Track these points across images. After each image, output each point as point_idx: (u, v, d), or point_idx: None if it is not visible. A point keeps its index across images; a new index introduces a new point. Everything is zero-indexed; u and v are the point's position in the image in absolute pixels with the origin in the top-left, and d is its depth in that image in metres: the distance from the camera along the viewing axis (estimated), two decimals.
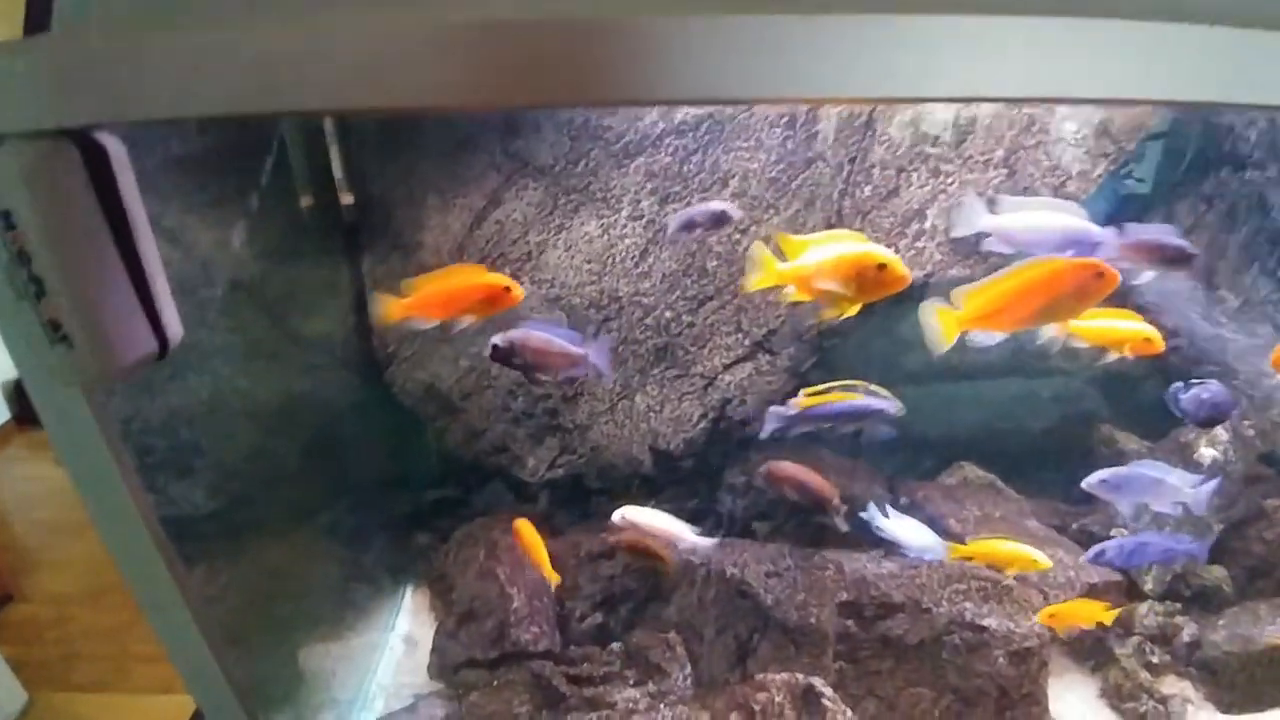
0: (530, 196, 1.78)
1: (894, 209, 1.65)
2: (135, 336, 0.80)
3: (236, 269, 1.64)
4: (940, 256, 1.64)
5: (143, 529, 0.98)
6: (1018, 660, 1.48)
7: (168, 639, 1.09)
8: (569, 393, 1.85)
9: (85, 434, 0.90)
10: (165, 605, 1.06)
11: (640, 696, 1.59)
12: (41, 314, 0.73)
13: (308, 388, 1.83)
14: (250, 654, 1.53)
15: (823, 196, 1.68)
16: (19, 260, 0.71)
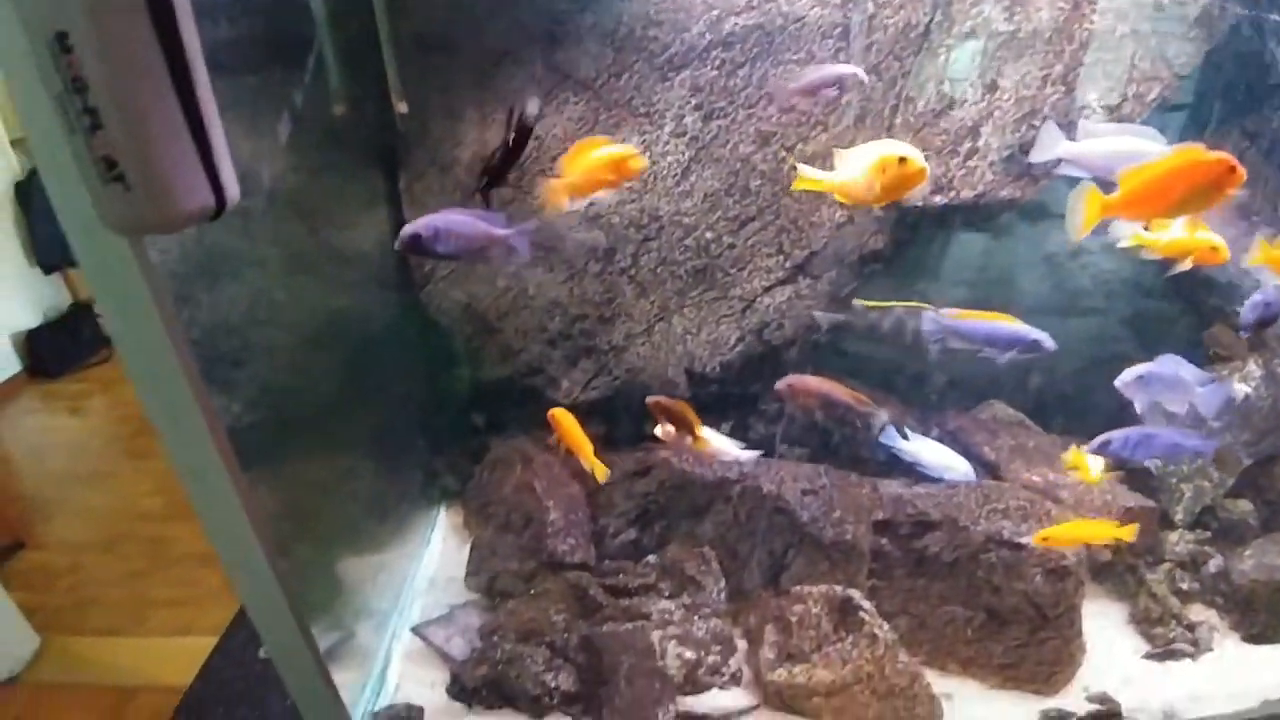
0: (571, 111, 1.74)
1: (947, 126, 1.61)
2: (193, 185, 0.78)
3: (276, 178, 1.62)
4: (992, 176, 1.60)
5: (188, 391, 0.97)
6: (1054, 579, 1.50)
7: (208, 512, 1.09)
8: (606, 314, 1.84)
9: (132, 288, 0.88)
10: (208, 472, 1.06)
11: (675, 608, 1.62)
12: (95, 149, 0.71)
13: (346, 304, 1.83)
14: (292, 561, 1.56)
15: (874, 112, 1.64)
16: (73, 88, 0.68)
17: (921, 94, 1.60)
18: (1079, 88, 1.56)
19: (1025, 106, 1.57)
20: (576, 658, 1.54)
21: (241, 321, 1.59)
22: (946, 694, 1.53)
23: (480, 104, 1.77)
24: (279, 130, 1.57)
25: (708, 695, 1.54)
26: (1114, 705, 1.52)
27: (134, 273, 0.87)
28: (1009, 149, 1.58)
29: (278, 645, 1.29)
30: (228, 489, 1.07)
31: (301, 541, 1.62)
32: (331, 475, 1.76)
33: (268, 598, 1.23)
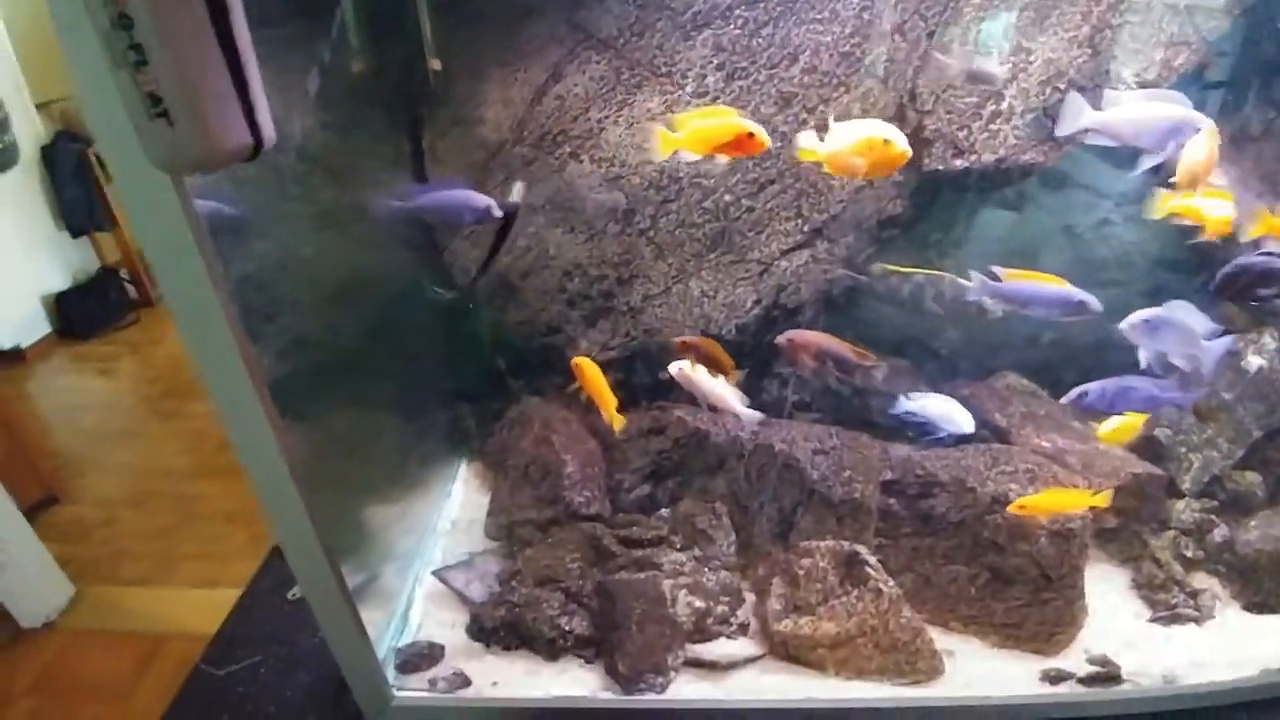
0: (592, 70, 1.75)
1: (971, 88, 1.60)
2: (232, 123, 0.81)
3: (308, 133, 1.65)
4: (1015, 140, 1.59)
5: (227, 328, 1.01)
6: (1059, 541, 1.53)
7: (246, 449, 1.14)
8: (624, 275, 1.86)
9: (173, 225, 0.91)
10: (249, 415, 1.11)
11: (686, 560, 1.67)
12: (141, 85, 0.74)
13: (373, 260, 1.87)
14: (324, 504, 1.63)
15: (897, 74, 1.63)
16: (120, 24, 0.71)
17: (947, 54, 1.59)
18: (1105, 51, 1.54)
19: (1051, 69, 1.55)
20: (590, 603, 1.60)
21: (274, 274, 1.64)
22: (949, 650, 1.58)
23: (503, 62, 1.78)
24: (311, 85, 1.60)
25: (716, 643, 1.60)
26: (1114, 668, 1.55)
27: (175, 210, 0.91)
28: (1033, 111, 1.57)
29: (310, 582, 1.36)
30: (265, 428, 1.13)
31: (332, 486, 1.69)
32: (360, 426, 1.83)
33: (302, 536, 1.29)
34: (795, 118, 1.70)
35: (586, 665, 1.57)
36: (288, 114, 1.58)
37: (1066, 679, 1.54)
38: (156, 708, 1.67)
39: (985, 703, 1.51)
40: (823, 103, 1.68)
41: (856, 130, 1.19)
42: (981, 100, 1.59)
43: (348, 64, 1.68)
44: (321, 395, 1.68)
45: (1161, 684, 1.54)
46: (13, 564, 2.84)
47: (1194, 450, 1.77)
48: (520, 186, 1.73)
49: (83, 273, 5.58)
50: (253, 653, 1.71)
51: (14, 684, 2.79)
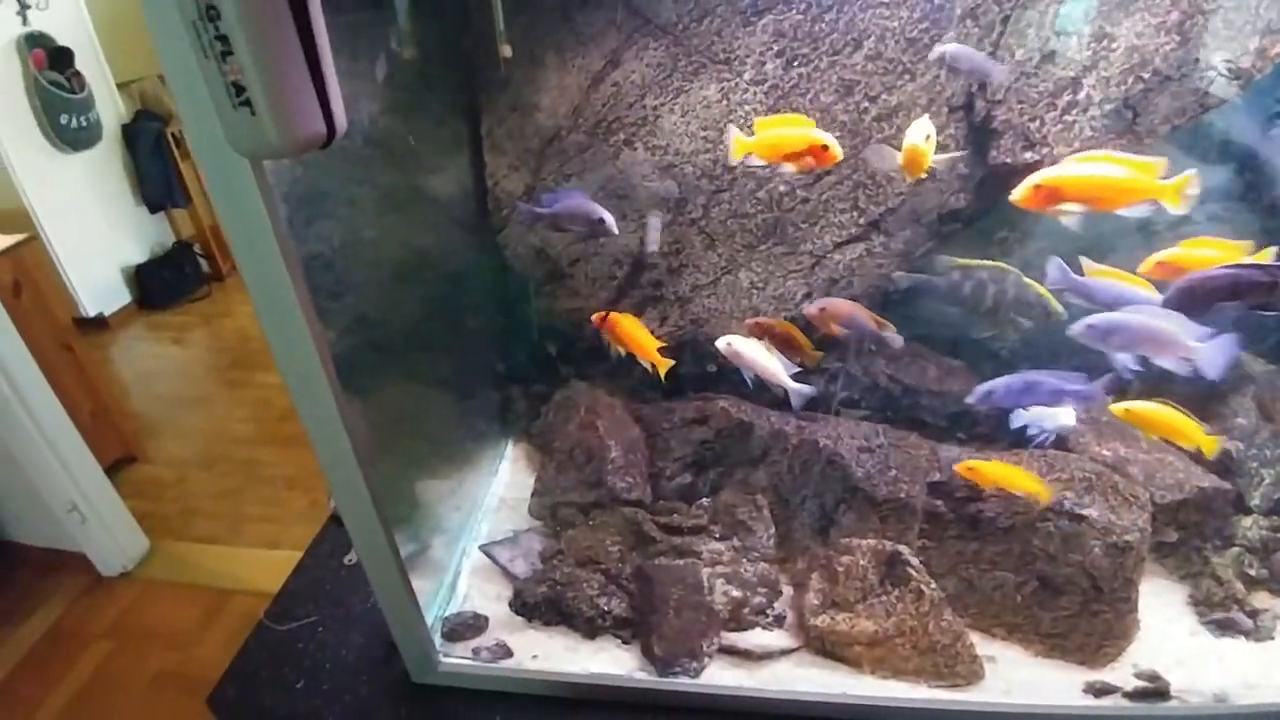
0: (650, 57, 1.74)
1: (1045, 76, 1.52)
2: (309, 113, 0.84)
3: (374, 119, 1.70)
4: (1092, 133, 1.51)
5: (297, 304, 1.06)
6: (1114, 553, 1.48)
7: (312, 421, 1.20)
8: (674, 264, 1.87)
9: (252, 208, 0.96)
10: (316, 389, 1.17)
11: (725, 550, 1.69)
12: (226, 75, 0.78)
13: (431, 243, 1.93)
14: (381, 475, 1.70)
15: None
16: (208, 16, 0.75)
17: (1021, 41, 1.51)
18: (1195, 38, 1.44)
19: (1135, 56, 1.46)
20: (629, 586, 1.64)
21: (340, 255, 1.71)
22: (990, 657, 1.56)
23: (560, 48, 1.79)
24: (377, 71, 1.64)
25: (751, 633, 1.61)
26: (1163, 684, 1.50)
27: (254, 194, 0.96)
28: (1113, 102, 1.49)
29: (367, 549, 1.42)
30: (329, 402, 1.19)
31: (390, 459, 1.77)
32: (417, 403, 1.90)
33: (361, 506, 1.35)
34: (856, 106, 1.66)
35: (623, 646, 1.62)
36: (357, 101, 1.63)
37: (1112, 693, 1.50)
38: (220, 657, 1.79)
39: (1026, 711, 1.49)
40: (886, 90, 1.62)
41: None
42: (1057, 89, 1.51)
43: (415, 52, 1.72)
44: (382, 372, 1.75)
45: (1212, 702, 1.49)
46: (94, 516, 3.09)
47: (1266, 465, 1.67)
48: (656, 224, 1.76)
49: (160, 246, 5.92)
50: (311, 612, 1.81)
51: (94, 626, 3.05)
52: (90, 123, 5.01)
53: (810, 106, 1.69)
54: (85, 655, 2.82)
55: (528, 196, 1.90)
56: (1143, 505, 1.49)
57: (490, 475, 2.06)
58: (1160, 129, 1.51)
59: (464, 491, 1.96)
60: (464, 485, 1.97)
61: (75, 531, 2.99)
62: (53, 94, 4.70)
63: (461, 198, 1.95)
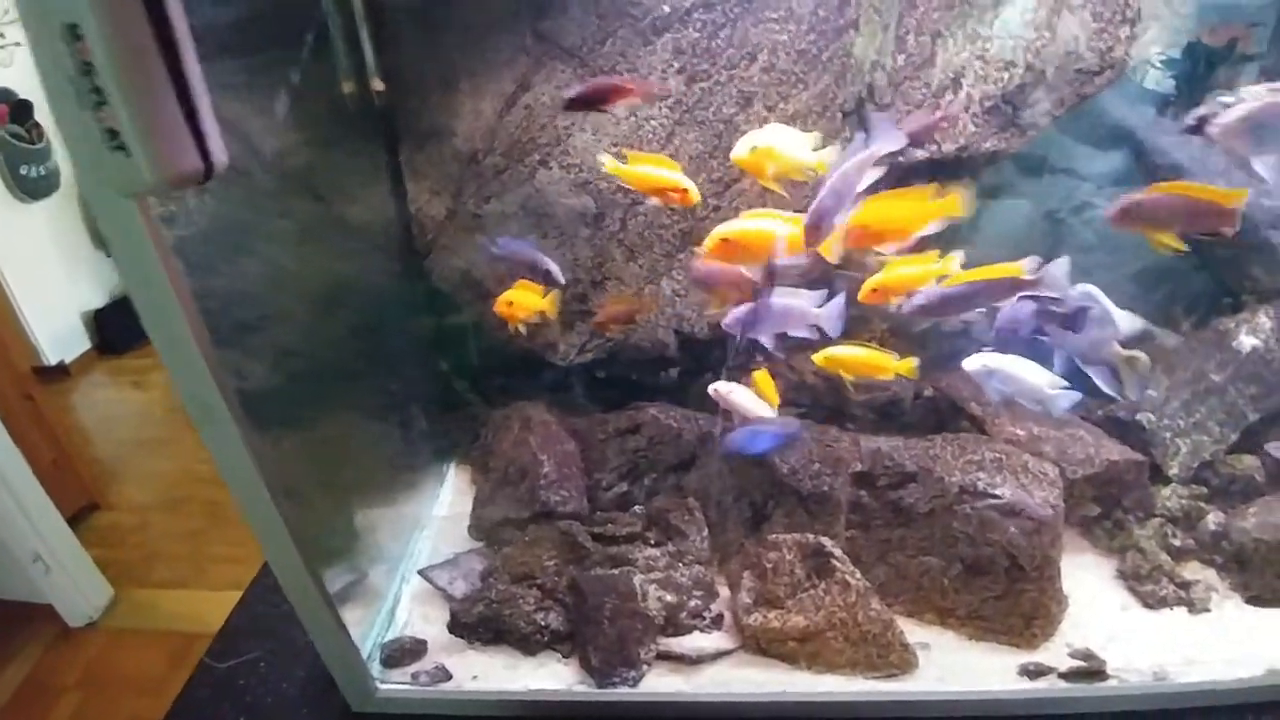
0: (559, 79, 1.79)
1: (928, 79, 1.59)
2: (182, 151, 0.88)
3: (287, 155, 1.74)
4: (975, 129, 1.58)
5: (194, 341, 1.08)
6: (1030, 532, 1.51)
7: (227, 466, 1.21)
8: (597, 278, 1.90)
9: (139, 244, 0.99)
10: (220, 425, 1.17)
11: (660, 555, 1.70)
12: (102, 122, 0.82)
13: (355, 272, 1.95)
14: (312, 511, 1.71)
15: (854, 69, 1.63)
16: (84, 71, 0.79)
17: (902, 47, 1.58)
18: (1062, 32, 1.52)
19: (1008, 53, 1.54)
20: (565, 599, 1.64)
21: (258, 288, 1.73)
22: (924, 644, 1.57)
23: (472, 73, 1.84)
24: (287, 108, 1.68)
25: (689, 637, 1.62)
26: (1098, 662, 1.51)
27: (139, 232, 0.98)
28: (991, 99, 1.56)
29: (290, 583, 1.42)
30: (236, 438, 1.19)
31: (321, 493, 1.77)
32: (348, 434, 1.90)
33: (281, 546, 1.35)
34: (757, 116, 1.72)
35: (563, 660, 1.61)
36: (267, 137, 1.67)
37: (1047, 673, 1.52)
38: None
39: (961, 697, 1.50)
40: (782, 100, 1.69)
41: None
42: (939, 90, 1.58)
43: (324, 87, 1.76)
44: (307, 404, 1.76)
45: (1152, 681, 1.50)
46: (58, 566, 3.04)
47: (1181, 435, 1.72)
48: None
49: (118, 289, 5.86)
50: (253, 648, 1.79)
51: (65, 678, 3.00)
52: (49, 171, 5.01)
53: (714, 118, 1.75)
54: (58, 707, 2.76)
55: (450, 221, 1.93)
56: (1054, 482, 1.53)
57: (431, 499, 2.06)
58: (1041, 121, 1.58)
59: (403, 517, 1.96)
60: (403, 511, 1.97)
61: (41, 583, 2.95)
62: (13, 146, 4.71)
63: (385, 225, 1.97)
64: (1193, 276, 1.94)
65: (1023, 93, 1.55)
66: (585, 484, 1.84)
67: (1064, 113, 1.58)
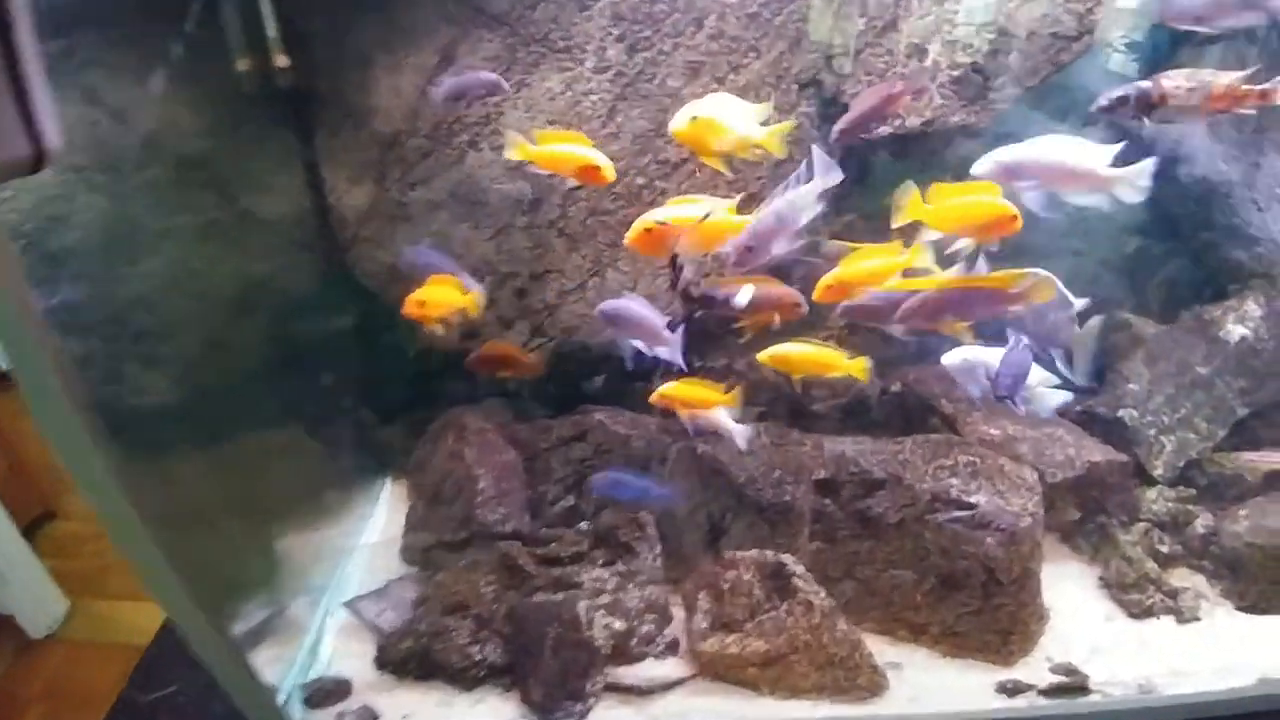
0: (486, 50, 1.61)
1: (891, 45, 1.44)
2: (8, 135, 0.73)
3: (178, 142, 1.54)
4: (942, 101, 1.44)
5: (48, 364, 0.91)
6: (1007, 542, 1.38)
7: (95, 501, 1.04)
8: (536, 271, 1.73)
9: None
10: (82, 453, 1.00)
11: (609, 576, 1.54)
12: None
13: (266, 271, 1.75)
14: (219, 546, 1.53)
15: (809, 35, 1.47)
16: None
17: (863, 10, 1.43)
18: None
19: (979, 16, 1.39)
20: (503, 629, 1.48)
21: (152, 294, 1.53)
22: (895, 663, 1.45)
23: (389, 45, 1.65)
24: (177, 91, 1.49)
25: (641, 666, 1.47)
26: (1080, 677, 1.40)
27: None
28: (959, 69, 1.41)
29: (186, 625, 1.27)
30: (106, 474, 1.02)
31: (228, 520, 1.59)
32: (261, 453, 1.72)
33: (166, 582, 1.20)
34: (706, 88, 1.56)
35: (504, 694, 1.46)
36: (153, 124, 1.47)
37: (1026, 691, 1.40)
38: None
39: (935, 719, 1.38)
40: (733, 70, 1.53)
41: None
42: (903, 59, 1.43)
43: (219, 67, 1.56)
44: (215, 422, 1.57)
45: (1137, 694, 1.40)
46: (16, 578, 2.92)
47: (1165, 432, 1.61)
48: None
49: None
50: (173, 679, 1.66)
51: (30, 690, 2.86)
52: None
53: (659, 91, 1.58)
54: (26, 718, 2.64)
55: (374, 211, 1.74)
56: (1032, 488, 1.40)
57: (363, 520, 1.88)
58: (1013, 93, 1.44)
59: (328, 542, 1.78)
60: (328, 535, 1.79)
61: (2, 594, 2.80)
62: None
63: (299, 217, 1.78)
64: (1170, 263, 1.83)
65: (995, 60, 1.41)
66: (527, 498, 1.68)
67: (1038, 83, 1.44)
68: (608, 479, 1.46)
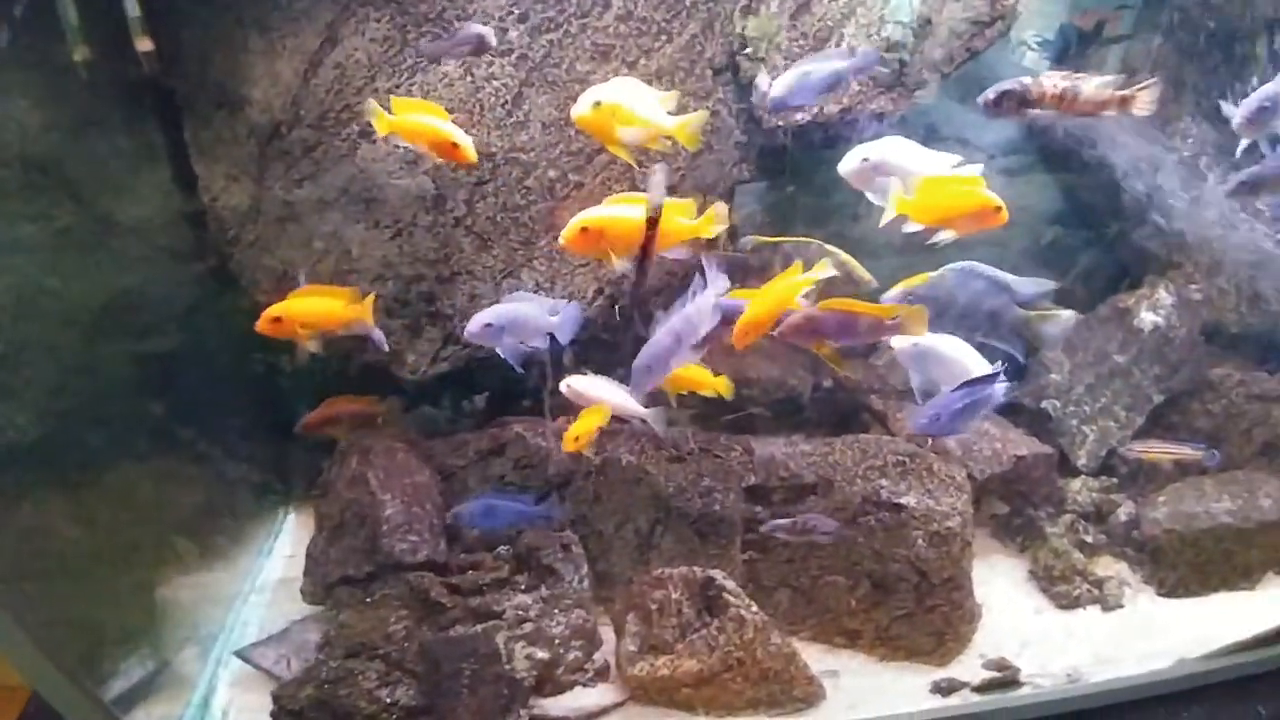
0: (374, 31, 1.46)
1: (805, 28, 1.37)
2: None
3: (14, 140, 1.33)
4: (859, 88, 1.38)
5: None
6: (938, 542, 1.35)
7: None
8: (445, 273, 1.59)
9: None
10: None
11: (532, 603, 1.43)
12: None
13: (132, 284, 1.55)
14: (87, 598, 1.34)
15: (722, 17, 1.39)
16: None
17: None
18: None
19: (886, 3, 1.34)
20: (416, 668, 1.35)
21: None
22: (832, 671, 1.40)
23: (264, 27, 1.47)
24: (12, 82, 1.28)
25: (569, 695, 1.38)
26: (1011, 672, 1.40)
27: None
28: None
29: (52, 695, 1.10)
30: None
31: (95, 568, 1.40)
32: (134, 488, 1.53)
33: (21, 650, 1.03)
34: (617, 73, 1.45)
35: None
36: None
37: (960, 689, 1.38)
38: None
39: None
40: (644, 54, 1.43)
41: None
42: (817, 41, 1.37)
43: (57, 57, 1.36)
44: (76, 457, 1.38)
45: (1066, 684, 1.40)
46: None
47: (1086, 422, 1.62)
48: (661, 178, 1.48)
49: None
50: None
51: None
52: None
53: (568, 77, 1.47)
54: None
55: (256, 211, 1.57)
56: (960, 486, 1.38)
57: (261, 556, 1.70)
58: (929, 80, 1.40)
59: (218, 584, 1.60)
60: (218, 577, 1.61)
61: None
62: None
63: (169, 222, 1.58)
64: (1088, 253, 1.85)
65: (910, 47, 1.36)
66: (442, 523, 1.55)
67: (953, 70, 1.41)
68: (477, 508, 1.37)
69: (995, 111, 1.10)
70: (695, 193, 1.54)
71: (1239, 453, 1.60)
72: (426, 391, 1.74)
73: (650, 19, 1.41)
